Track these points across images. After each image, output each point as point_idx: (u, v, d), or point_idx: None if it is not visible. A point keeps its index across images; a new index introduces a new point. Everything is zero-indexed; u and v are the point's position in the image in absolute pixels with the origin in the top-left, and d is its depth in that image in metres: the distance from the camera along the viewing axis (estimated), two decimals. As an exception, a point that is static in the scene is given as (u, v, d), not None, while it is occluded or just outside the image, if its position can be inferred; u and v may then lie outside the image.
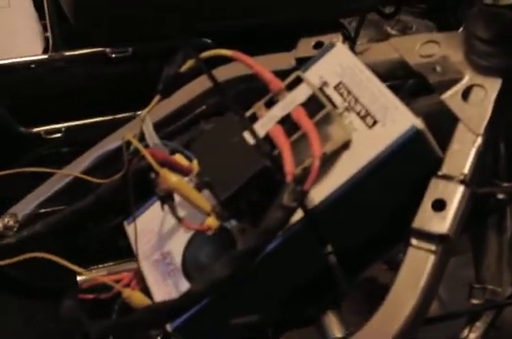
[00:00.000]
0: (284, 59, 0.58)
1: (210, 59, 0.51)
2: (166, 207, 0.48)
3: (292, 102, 0.47)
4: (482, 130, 0.50)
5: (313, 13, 0.85)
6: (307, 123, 0.44)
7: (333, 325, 0.50)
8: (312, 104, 0.46)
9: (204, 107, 0.61)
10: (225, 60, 0.62)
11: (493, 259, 0.56)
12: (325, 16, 0.87)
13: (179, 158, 0.50)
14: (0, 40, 0.77)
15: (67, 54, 0.74)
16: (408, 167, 0.47)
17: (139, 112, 0.80)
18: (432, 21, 1.18)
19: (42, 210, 0.62)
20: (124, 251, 0.67)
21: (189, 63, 0.51)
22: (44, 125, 0.77)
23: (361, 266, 0.52)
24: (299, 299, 0.50)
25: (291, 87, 0.48)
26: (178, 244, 0.51)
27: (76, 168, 0.61)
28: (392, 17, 1.01)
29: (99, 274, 0.72)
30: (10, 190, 0.73)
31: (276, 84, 0.48)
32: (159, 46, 0.76)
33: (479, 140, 0.49)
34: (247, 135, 0.46)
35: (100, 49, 0.75)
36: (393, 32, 1.16)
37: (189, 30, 0.74)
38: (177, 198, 0.48)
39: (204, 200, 0.46)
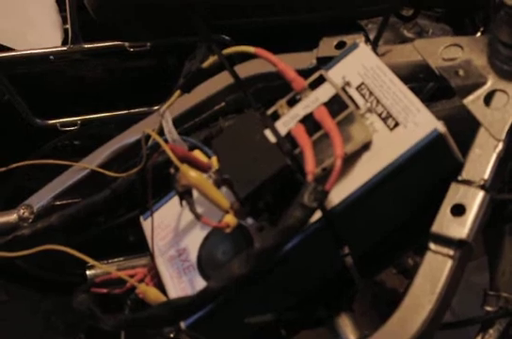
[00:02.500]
0: (305, 58, 0.58)
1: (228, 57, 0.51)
2: (183, 203, 0.48)
3: (315, 101, 0.46)
4: (503, 135, 0.49)
5: (333, 14, 0.85)
6: (329, 123, 0.44)
7: (347, 327, 0.49)
8: (335, 104, 0.46)
9: (223, 104, 0.61)
10: (242, 58, 0.62)
11: (508, 266, 0.56)
12: (344, 17, 0.86)
13: (198, 154, 0.50)
14: (19, 30, 0.77)
15: (86, 46, 0.74)
16: (428, 170, 0.47)
17: (155, 107, 0.80)
18: (449, 25, 1.18)
19: (58, 202, 0.62)
20: (134, 247, 0.67)
21: (211, 59, 0.51)
22: (60, 118, 0.77)
23: (376, 269, 0.52)
24: (313, 300, 0.50)
25: (313, 85, 0.48)
26: (194, 241, 0.50)
27: (93, 161, 0.61)
28: (411, 20, 1.00)
29: (108, 269, 0.72)
30: (26, 181, 0.73)
31: (299, 82, 0.47)
32: (178, 42, 0.76)
33: (500, 146, 0.49)
34: (268, 133, 0.46)
35: (118, 43, 0.75)
36: (410, 35, 1.15)
37: (210, 26, 0.74)
38: (194, 194, 0.48)
39: (223, 197, 0.46)
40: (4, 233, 0.59)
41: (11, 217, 0.60)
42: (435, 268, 0.45)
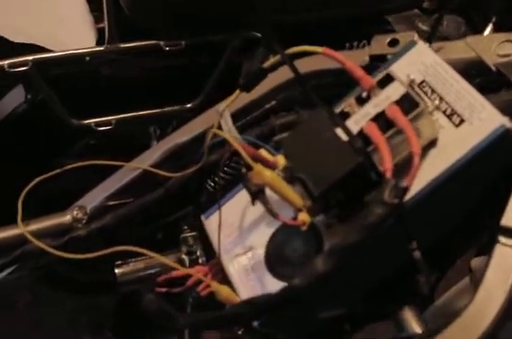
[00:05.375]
0: (358, 56, 0.59)
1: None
2: (248, 202, 0.49)
3: (385, 99, 0.47)
4: None
5: (359, 9, 0.85)
6: (403, 121, 0.45)
7: (412, 321, 0.50)
8: (405, 102, 0.46)
9: (274, 103, 0.62)
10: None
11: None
12: (370, 12, 0.87)
13: (264, 153, 0.50)
14: (52, 31, 0.76)
15: (122, 46, 0.74)
16: (495, 165, 0.48)
17: (188, 105, 0.80)
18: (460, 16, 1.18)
19: (110, 203, 0.62)
20: (161, 245, 0.67)
21: (273, 59, 0.51)
22: (95, 117, 0.77)
23: (444, 264, 0.52)
24: (380, 294, 0.50)
25: (381, 84, 0.48)
26: (260, 238, 0.51)
27: (145, 160, 0.61)
28: (434, 13, 1.01)
29: (137, 267, 0.72)
30: (71, 182, 0.73)
31: (367, 81, 0.48)
32: (213, 40, 0.76)
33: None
34: (339, 131, 0.47)
35: (154, 42, 0.75)
36: (424, 28, 1.16)
37: (242, 23, 0.74)
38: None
39: (296, 195, 0.46)
40: (57, 234, 0.59)
41: (65, 218, 0.60)
42: (506, 260, 0.46)
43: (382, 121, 0.46)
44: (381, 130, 0.46)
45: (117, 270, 0.70)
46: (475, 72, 0.56)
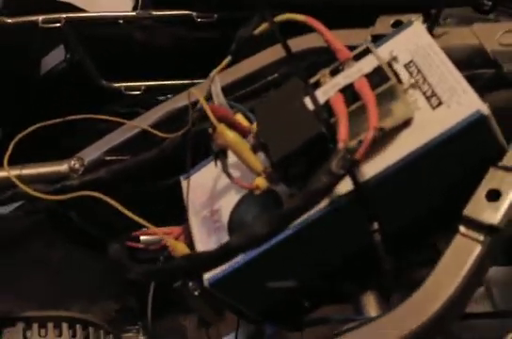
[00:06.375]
0: (360, 35, 0.58)
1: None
2: (219, 165, 0.49)
3: (357, 71, 0.46)
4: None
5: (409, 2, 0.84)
6: (368, 94, 0.44)
7: (370, 304, 0.49)
8: (377, 77, 0.45)
9: (276, 76, 0.62)
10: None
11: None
12: (419, 5, 0.85)
13: (240, 118, 0.51)
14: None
15: (154, 13, 0.76)
16: (467, 152, 0.46)
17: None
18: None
19: (108, 158, 0.64)
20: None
21: (263, 26, 0.51)
22: (125, 81, 0.80)
23: (406, 249, 0.51)
24: (341, 274, 0.50)
25: (359, 57, 0.48)
26: (228, 203, 0.51)
27: (145, 120, 0.63)
28: (489, 13, 0.97)
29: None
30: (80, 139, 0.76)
31: (344, 53, 0.47)
32: (246, 14, 0.77)
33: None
34: (307, 100, 0.46)
35: (186, 12, 0.77)
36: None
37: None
38: (233, 158, 0.49)
39: (257, 160, 0.47)
40: (54, 182, 0.62)
41: (62, 167, 0.63)
42: (462, 252, 0.44)
43: (350, 93, 0.45)
44: (348, 103, 0.45)
45: (142, 238, 0.72)
46: (479, 62, 0.54)
